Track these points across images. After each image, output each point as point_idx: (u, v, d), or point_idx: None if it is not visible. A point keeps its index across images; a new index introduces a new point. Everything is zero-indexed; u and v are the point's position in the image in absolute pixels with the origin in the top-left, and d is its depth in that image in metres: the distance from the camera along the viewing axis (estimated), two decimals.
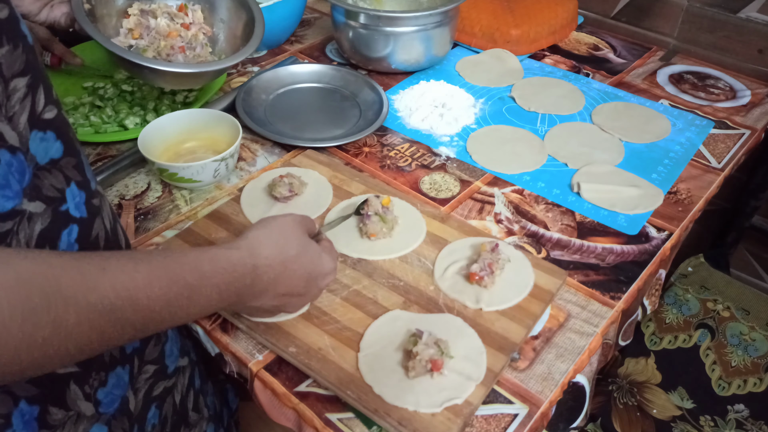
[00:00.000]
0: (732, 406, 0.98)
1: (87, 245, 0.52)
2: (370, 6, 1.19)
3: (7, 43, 0.43)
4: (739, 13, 1.13)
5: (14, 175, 0.43)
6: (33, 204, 0.45)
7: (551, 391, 0.62)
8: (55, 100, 0.50)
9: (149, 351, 0.61)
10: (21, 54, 0.44)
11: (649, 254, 0.78)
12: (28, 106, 0.46)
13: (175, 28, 0.78)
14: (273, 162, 0.92)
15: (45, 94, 0.48)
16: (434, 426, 0.56)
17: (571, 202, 0.86)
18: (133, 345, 0.59)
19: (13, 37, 0.43)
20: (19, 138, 0.44)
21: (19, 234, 0.44)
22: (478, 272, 0.68)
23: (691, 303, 1.10)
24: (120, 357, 0.56)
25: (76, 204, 0.50)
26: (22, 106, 0.45)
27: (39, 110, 0.47)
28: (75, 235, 0.50)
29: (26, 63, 0.45)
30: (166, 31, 0.77)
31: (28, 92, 0.46)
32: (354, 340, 0.64)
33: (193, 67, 0.78)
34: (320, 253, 0.60)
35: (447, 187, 0.88)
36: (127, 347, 0.58)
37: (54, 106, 0.50)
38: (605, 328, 0.69)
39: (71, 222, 0.49)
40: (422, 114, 1.00)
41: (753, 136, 1.00)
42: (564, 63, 1.18)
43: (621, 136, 0.97)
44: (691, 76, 1.15)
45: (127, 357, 0.57)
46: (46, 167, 0.47)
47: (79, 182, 0.50)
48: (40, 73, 0.48)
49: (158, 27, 0.76)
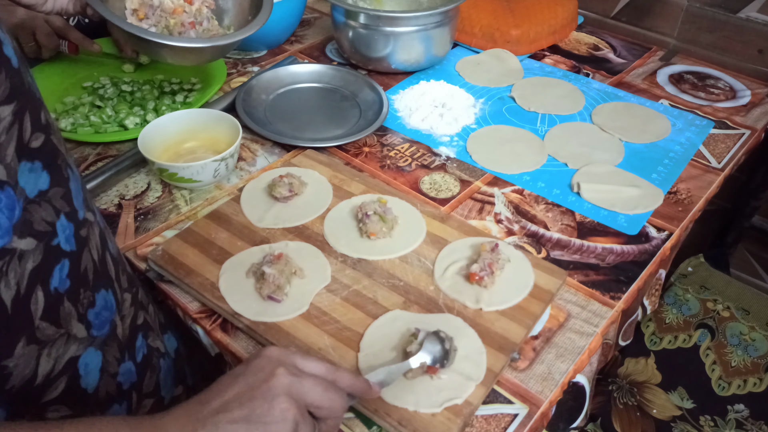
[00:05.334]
0: (732, 406, 0.98)
1: (77, 280, 0.50)
2: (370, 6, 1.18)
3: None
4: (739, 13, 1.13)
5: (3, 212, 0.41)
6: (24, 241, 0.43)
7: (551, 391, 0.62)
8: (44, 124, 0.47)
9: (146, 383, 0.59)
10: (5, 80, 0.41)
11: (649, 254, 0.78)
12: (15, 136, 0.43)
13: (179, 3, 0.76)
14: (273, 162, 0.92)
15: (32, 119, 0.45)
16: (434, 426, 0.56)
17: (571, 202, 0.86)
18: (131, 380, 0.57)
19: None
20: (7, 171, 0.41)
21: (8, 274, 0.42)
22: (478, 272, 0.68)
23: (691, 303, 1.10)
24: (117, 393, 0.55)
25: (66, 237, 0.48)
26: (8, 136, 0.42)
27: (27, 138, 0.44)
28: (66, 271, 0.48)
29: (11, 89, 0.42)
30: (171, 8, 0.75)
31: (15, 120, 0.43)
32: (354, 340, 0.64)
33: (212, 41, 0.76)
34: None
35: (447, 187, 0.88)
36: (124, 383, 0.56)
37: (41, 132, 0.46)
38: (605, 328, 0.69)
39: (63, 257, 0.47)
40: (422, 114, 1.00)
41: (753, 136, 1.00)
42: (564, 63, 1.18)
43: (621, 136, 0.97)
44: (691, 76, 1.15)
45: (124, 393, 0.56)
46: (35, 200, 0.44)
47: (67, 213, 0.48)
48: (26, 96, 0.45)
49: (163, 4, 0.74)
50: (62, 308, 0.49)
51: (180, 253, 0.73)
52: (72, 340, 0.50)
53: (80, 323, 0.51)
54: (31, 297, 0.45)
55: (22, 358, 0.46)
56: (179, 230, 0.78)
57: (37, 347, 0.47)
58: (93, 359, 0.53)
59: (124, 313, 0.59)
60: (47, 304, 0.47)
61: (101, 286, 0.54)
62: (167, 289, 0.72)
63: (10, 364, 0.45)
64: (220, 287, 0.69)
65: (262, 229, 0.77)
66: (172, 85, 1.04)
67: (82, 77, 1.06)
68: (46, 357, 0.48)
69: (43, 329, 0.47)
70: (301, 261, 0.71)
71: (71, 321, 0.50)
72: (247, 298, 0.68)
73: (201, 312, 0.70)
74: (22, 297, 0.44)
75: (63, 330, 0.49)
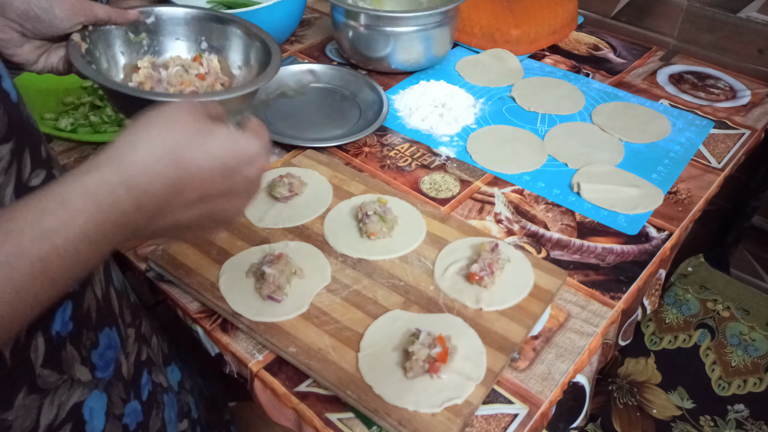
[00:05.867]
0: (732, 406, 0.98)
1: (80, 321, 0.48)
2: (370, 6, 1.18)
3: None
4: (739, 13, 1.13)
5: None
6: None
7: (551, 391, 0.62)
8: (44, 158, 0.44)
9: (152, 422, 0.58)
10: (3, 115, 0.39)
11: (649, 254, 0.78)
12: (13, 176, 0.40)
13: (189, 78, 0.71)
14: (273, 162, 0.92)
15: (32, 155, 0.42)
16: (434, 426, 0.56)
17: (571, 202, 0.86)
18: (137, 420, 0.55)
19: None
20: None
21: None
22: (478, 272, 0.68)
23: (691, 303, 1.10)
24: None
25: None
26: (7, 177, 0.40)
27: (26, 177, 0.42)
28: (69, 313, 0.46)
29: (8, 125, 0.39)
30: (179, 81, 0.71)
31: (13, 159, 0.40)
32: (354, 340, 0.64)
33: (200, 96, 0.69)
34: (232, 134, 0.43)
35: (447, 187, 0.88)
36: (130, 424, 0.54)
37: (42, 168, 0.43)
38: (605, 328, 0.69)
39: (65, 299, 0.46)
40: (422, 114, 1.00)
41: (753, 136, 1.00)
42: (564, 63, 1.18)
43: (621, 136, 0.97)
44: (691, 76, 1.15)
45: None
46: None
47: None
48: (26, 132, 0.42)
49: (169, 77, 0.70)
50: (64, 352, 0.46)
51: (180, 253, 0.73)
52: (76, 385, 0.48)
53: (84, 366, 0.49)
54: (31, 345, 0.43)
55: (22, 409, 0.43)
56: None
57: (39, 396, 0.45)
58: (98, 402, 0.50)
59: (128, 350, 0.57)
60: (48, 349, 0.45)
61: (105, 325, 0.52)
62: (167, 289, 0.72)
63: (10, 417, 0.42)
64: (220, 287, 0.69)
65: (262, 229, 0.77)
66: None
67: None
68: (49, 405, 0.45)
69: (44, 377, 0.44)
70: (301, 261, 0.71)
71: (74, 365, 0.48)
72: (247, 298, 0.68)
73: (201, 312, 0.70)
74: (21, 346, 0.42)
75: (66, 375, 0.47)
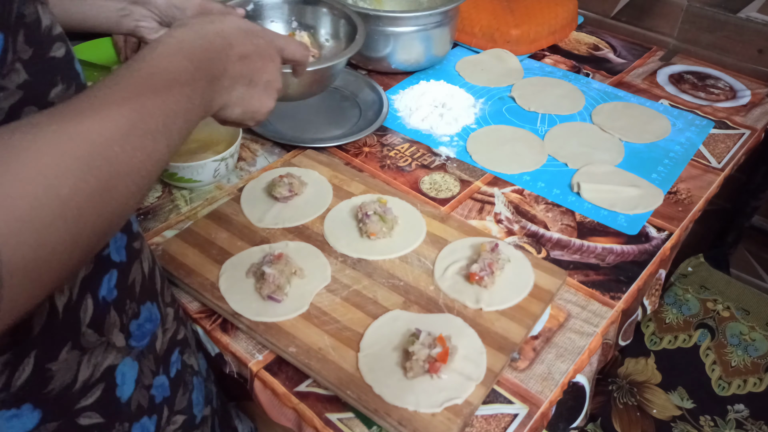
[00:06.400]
0: (732, 406, 0.98)
1: (124, 291, 0.51)
2: (370, 6, 1.18)
3: (62, 83, 0.42)
4: (739, 13, 1.13)
5: None
6: None
7: (551, 391, 0.62)
8: None
9: (179, 400, 0.60)
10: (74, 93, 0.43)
11: (649, 254, 0.78)
12: None
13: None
14: (273, 162, 0.92)
15: None
16: (434, 426, 0.56)
17: (571, 202, 0.86)
18: (163, 394, 0.58)
19: (67, 76, 0.43)
20: None
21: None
22: (478, 272, 0.68)
23: (691, 303, 1.10)
24: (148, 407, 0.55)
25: (117, 248, 0.49)
26: None
27: None
28: (114, 281, 0.49)
29: None
30: None
31: None
32: (354, 340, 0.64)
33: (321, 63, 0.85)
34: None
35: (447, 187, 0.88)
36: (156, 396, 0.57)
37: None
38: (605, 328, 0.69)
39: (112, 267, 0.49)
40: (422, 114, 1.00)
41: (753, 136, 1.00)
42: (564, 63, 1.18)
43: (621, 136, 0.97)
44: (691, 76, 1.15)
45: (156, 407, 0.56)
46: None
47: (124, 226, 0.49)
48: None
49: None
50: (108, 317, 0.50)
51: (180, 253, 0.73)
52: (111, 348, 0.51)
53: (121, 333, 0.52)
54: (81, 304, 0.46)
55: (65, 363, 0.46)
56: (179, 230, 0.78)
57: (79, 353, 0.48)
58: (130, 369, 0.53)
59: (167, 327, 0.60)
60: (95, 312, 0.48)
61: (147, 299, 0.55)
62: None
63: (53, 367, 0.46)
64: (220, 287, 0.69)
65: (262, 229, 0.77)
66: None
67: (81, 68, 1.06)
68: (86, 363, 0.48)
69: (87, 336, 0.48)
70: (301, 261, 0.71)
71: (113, 330, 0.51)
72: (247, 298, 0.68)
73: (201, 312, 0.70)
74: (74, 304, 0.45)
75: (104, 338, 0.50)
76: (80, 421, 0.49)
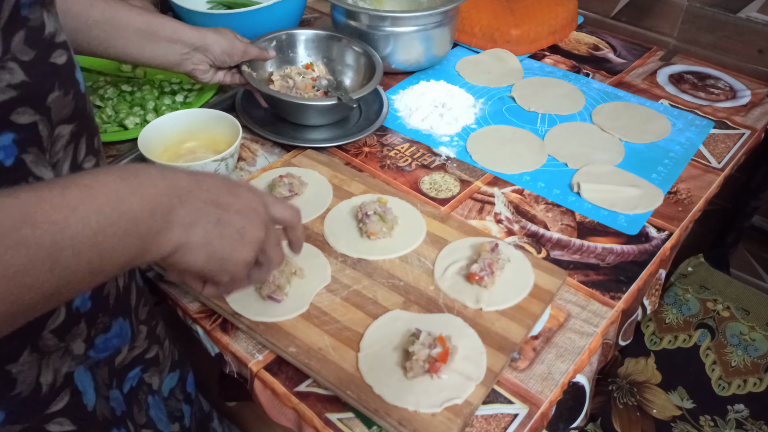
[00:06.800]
0: (732, 406, 0.98)
1: (98, 303, 0.51)
2: (370, 6, 1.18)
3: (59, 89, 0.43)
4: (739, 13, 1.13)
5: None
6: None
7: (551, 391, 0.62)
8: (96, 149, 0.49)
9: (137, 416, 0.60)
10: (71, 101, 0.44)
11: (649, 254, 0.78)
12: (71, 154, 0.45)
13: (308, 82, 0.99)
14: (273, 162, 0.92)
15: (87, 143, 0.47)
16: (434, 426, 0.56)
17: (571, 202, 0.86)
18: (121, 408, 0.58)
19: (66, 83, 0.43)
20: None
21: None
22: (478, 272, 0.68)
23: (691, 303, 1.10)
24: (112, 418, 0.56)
25: None
26: (65, 153, 0.44)
27: (80, 160, 0.47)
28: (89, 292, 0.50)
29: (74, 110, 0.45)
30: (304, 86, 0.98)
31: (72, 140, 0.45)
32: (354, 340, 0.64)
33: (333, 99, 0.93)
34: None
35: (447, 187, 0.88)
36: (116, 409, 0.57)
37: (93, 157, 0.49)
38: (605, 328, 0.69)
39: None
40: (422, 114, 1.00)
41: (753, 136, 1.00)
42: (564, 63, 1.18)
43: (621, 136, 0.97)
44: (691, 76, 1.15)
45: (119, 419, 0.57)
46: None
47: None
48: (86, 121, 0.47)
49: (297, 84, 0.98)
50: (76, 328, 0.50)
51: None
52: (67, 355, 0.51)
53: (84, 343, 0.52)
54: (54, 312, 0.47)
55: (25, 364, 0.46)
56: None
57: (39, 356, 0.47)
58: (85, 378, 0.53)
59: (135, 344, 0.59)
60: (65, 321, 0.48)
61: (120, 314, 0.55)
62: (167, 289, 0.72)
63: (14, 369, 0.45)
64: None
65: None
66: (172, 85, 1.04)
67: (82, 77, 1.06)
68: (46, 367, 0.48)
69: (46, 339, 0.48)
70: (301, 261, 0.71)
71: (76, 339, 0.51)
72: (247, 298, 0.68)
73: (201, 312, 0.70)
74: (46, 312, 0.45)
75: (63, 344, 0.50)
76: (50, 428, 0.49)
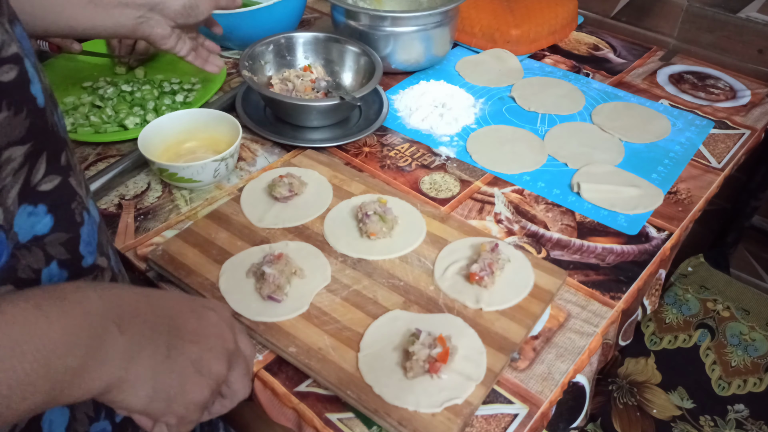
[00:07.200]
0: (732, 406, 0.98)
1: None
2: (370, 6, 1.18)
3: (7, 109, 0.38)
4: (739, 13, 1.13)
5: None
6: (3, 289, 0.40)
7: (551, 391, 0.62)
8: (63, 166, 0.45)
9: None
10: (24, 120, 0.40)
11: (649, 254, 0.78)
12: (22, 178, 0.41)
13: (307, 84, 1.00)
14: (273, 162, 0.92)
15: (48, 161, 0.43)
16: (434, 426, 0.56)
17: (571, 202, 0.86)
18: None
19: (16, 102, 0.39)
20: (5, 215, 0.39)
21: None
22: (478, 272, 0.68)
23: (691, 303, 1.10)
24: None
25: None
26: (14, 179, 0.40)
27: (35, 181, 0.42)
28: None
29: (29, 129, 0.40)
30: (303, 88, 0.99)
31: (25, 162, 0.41)
32: (354, 340, 0.64)
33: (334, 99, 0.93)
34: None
35: (447, 187, 0.88)
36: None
37: (57, 175, 0.44)
38: (605, 328, 0.69)
39: None
40: (422, 114, 1.00)
41: (753, 136, 1.00)
42: (564, 63, 1.18)
43: (621, 136, 0.97)
44: (691, 76, 1.15)
45: None
46: (26, 245, 0.41)
47: (63, 261, 0.44)
48: (47, 137, 0.43)
49: (297, 86, 0.99)
50: None
51: (180, 253, 0.73)
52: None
53: None
54: None
55: None
56: (179, 230, 0.78)
57: None
58: (58, 417, 0.47)
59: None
60: None
61: None
62: (167, 289, 0.72)
63: None
64: (220, 287, 0.69)
65: (262, 229, 0.77)
66: (172, 85, 1.04)
67: (82, 77, 1.06)
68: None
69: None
70: (301, 261, 0.71)
71: None
72: (247, 298, 0.68)
73: None
74: None
75: None
76: None
